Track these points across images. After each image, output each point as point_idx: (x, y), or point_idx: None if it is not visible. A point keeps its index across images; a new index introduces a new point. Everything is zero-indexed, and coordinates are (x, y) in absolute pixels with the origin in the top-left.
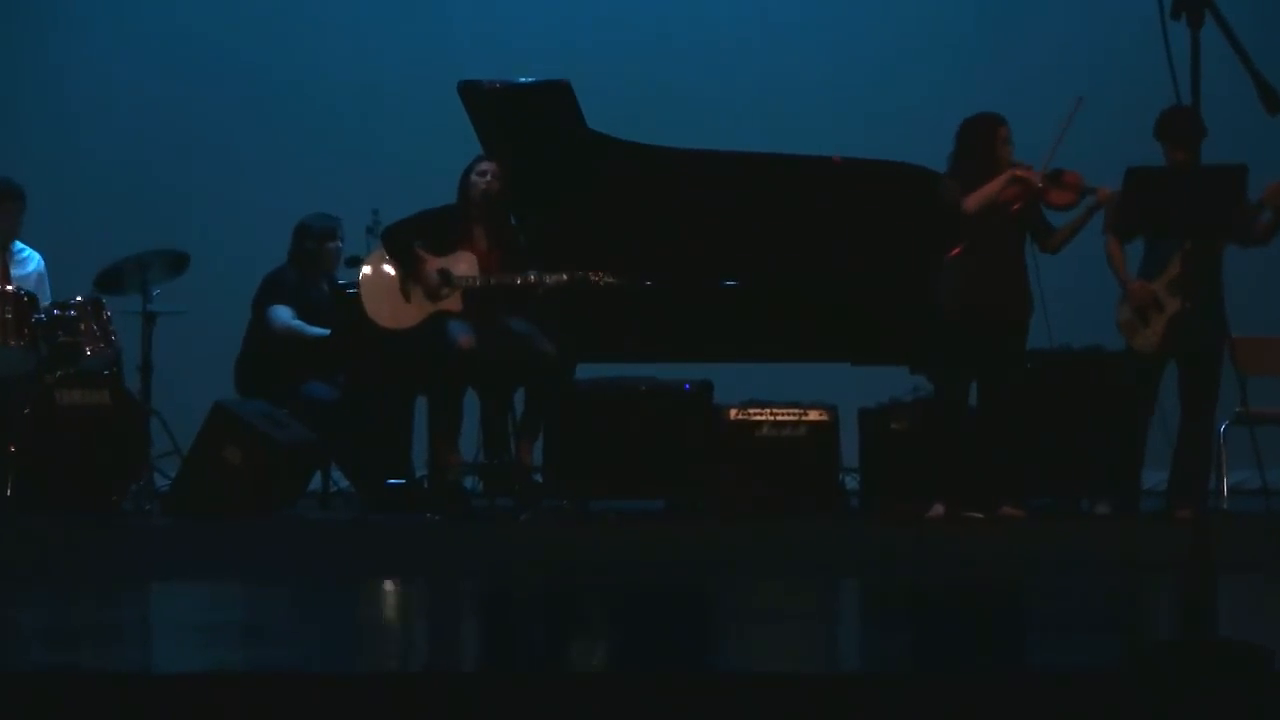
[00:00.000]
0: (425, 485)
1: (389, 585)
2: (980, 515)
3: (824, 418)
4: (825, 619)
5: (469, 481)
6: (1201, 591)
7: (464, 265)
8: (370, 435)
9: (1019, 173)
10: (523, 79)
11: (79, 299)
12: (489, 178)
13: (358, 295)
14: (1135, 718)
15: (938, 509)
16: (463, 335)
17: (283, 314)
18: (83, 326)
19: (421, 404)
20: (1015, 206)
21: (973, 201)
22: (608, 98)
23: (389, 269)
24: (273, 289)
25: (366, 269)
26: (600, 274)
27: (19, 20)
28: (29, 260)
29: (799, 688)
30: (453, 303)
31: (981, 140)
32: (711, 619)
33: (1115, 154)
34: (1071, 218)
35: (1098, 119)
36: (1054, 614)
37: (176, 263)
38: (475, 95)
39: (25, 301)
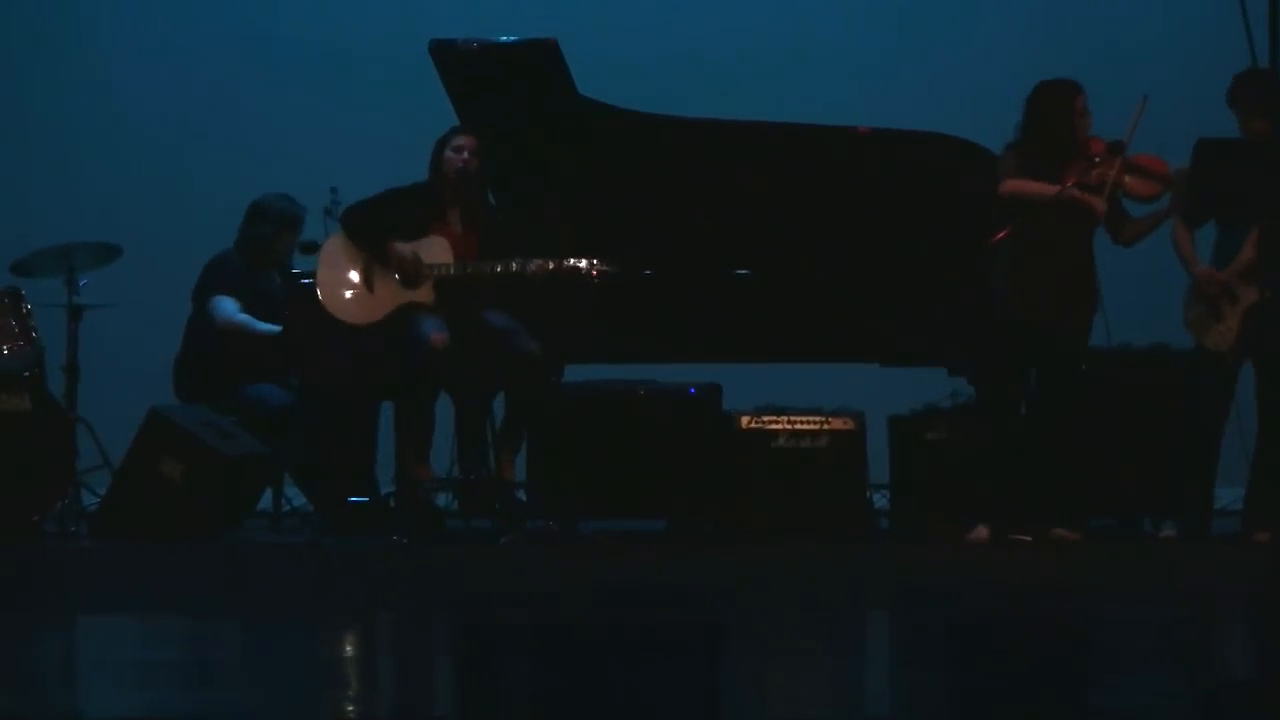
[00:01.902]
0: (392, 504)
1: (351, 618)
2: (1029, 539)
3: (849, 426)
4: (851, 657)
5: (442, 499)
6: None
7: (436, 251)
8: (329, 446)
9: (1086, 199)
10: (503, 38)
11: None
12: (466, 155)
13: (314, 286)
14: None
15: (981, 531)
16: (434, 331)
17: (227, 306)
18: None
19: (388, 410)
20: (1068, 186)
21: (1010, 187)
22: (601, 59)
23: (350, 256)
24: (217, 277)
25: (325, 257)
26: (593, 262)
27: None
28: None
29: None
30: (423, 294)
31: (1056, 111)
32: (721, 657)
33: (1184, 126)
34: (1151, 209)
35: (1164, 87)
36: (1114, 651)
37: (106, 254)
38: (449, 56)
39: None
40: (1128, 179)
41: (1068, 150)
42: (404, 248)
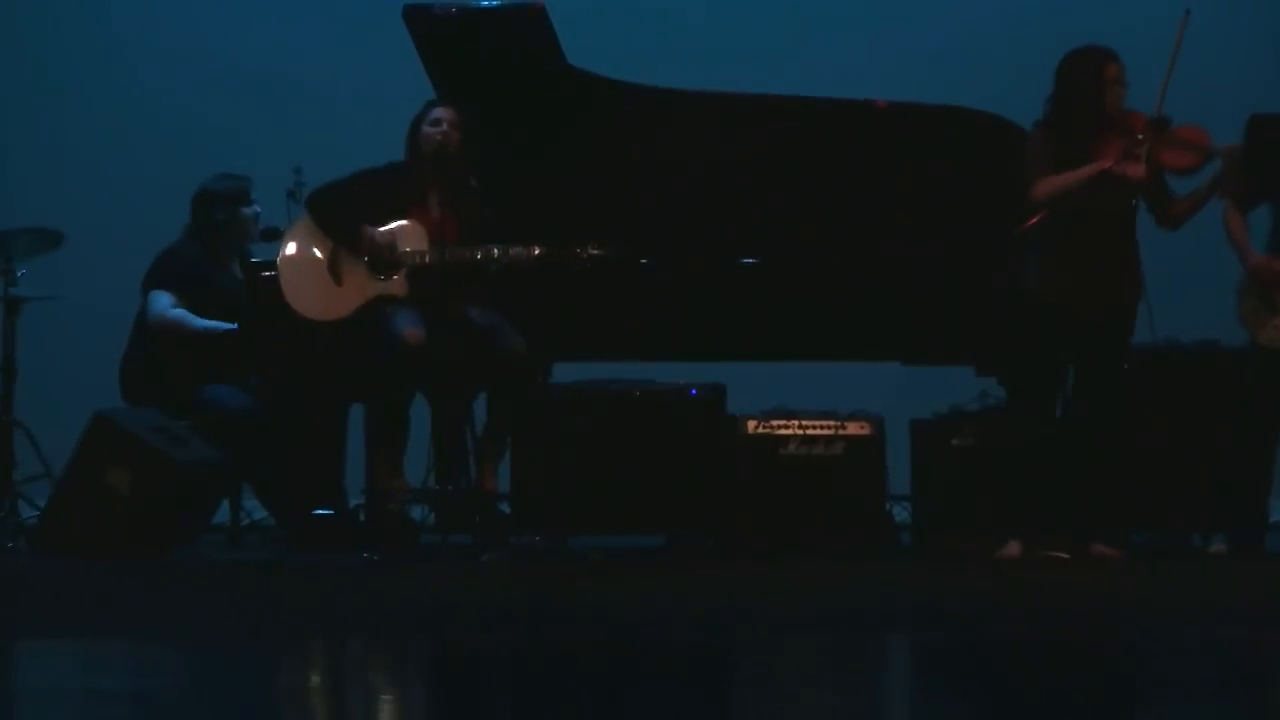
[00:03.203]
0: (361, 517)
1: (316, 644)
2: (1066, 555)
3: (867, 431)
4: (870, 687)
5: (416, 512)
6: None
7: (410, 237)
8: (292, 453)
9: (1121, 168)
10: (484, 2)
11: None
12: (446, 128)
13: (276, 277)
14: None
15: (1012, 548)
16: (409, 327)
17: (160, 301)
18: None
19: (357, 414)
20: (1110, 165)
21: (1044, 189)
22: (592, 26)
23: (316, 244)
24: (161, 270)
25: (288, 245)
26: (584, 248)
27: None
28: None
29: None
30: (396, 286)
31: (1085, 81)
32: (726, 687)
33: (1236, 100)
34: (1194, 185)
35: (1213, 57)
36: (1160, 680)
37: (46, 241)
38: (424, 23)
39: None
40: (1162, 152)
41: (1099, 124)
42: (377, 232)
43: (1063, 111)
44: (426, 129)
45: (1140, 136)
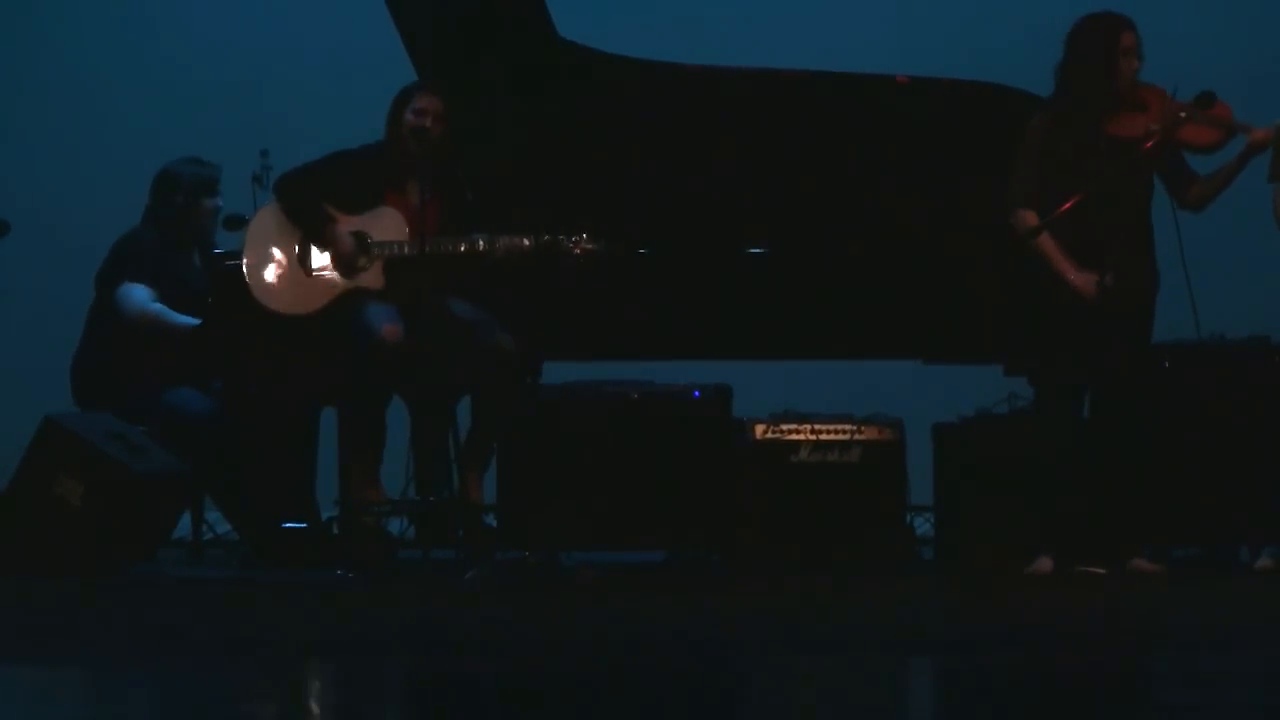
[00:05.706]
0: (334, 531)
1: (284, 670)
2: (1102, 571)
3: (885, 436)
4: (889, 716)
5: (395, 526)
6: None
7: (387, 226)
8: (258, 461)
9: (1085, 281)
10: None
11: None
12: (429, 121)
13: (240, 268)
14: None
15: (1043, 563)
16: (386, 323)
17: (138, 295)
18: None
19: (329, 418)
20: (1148, 145)
21: (1020, 219)
22: None
23: (284, 233)
24: (127, 260)
25: (252, 233)
26: (577, 239)
27: None
28: None
29: None
30: (372, 278)
31: (1097, 48)
32: (731, 718)
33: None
34: (1219, 164)
35: (1250, 26)
36: (1204, 708)
37: None
38: None
39: None
40: (1181, 129)
41: (1109, 98)
42: (344, 235)
43: (1069, 83)
44: (409, 116)
45: (1184, 114)
